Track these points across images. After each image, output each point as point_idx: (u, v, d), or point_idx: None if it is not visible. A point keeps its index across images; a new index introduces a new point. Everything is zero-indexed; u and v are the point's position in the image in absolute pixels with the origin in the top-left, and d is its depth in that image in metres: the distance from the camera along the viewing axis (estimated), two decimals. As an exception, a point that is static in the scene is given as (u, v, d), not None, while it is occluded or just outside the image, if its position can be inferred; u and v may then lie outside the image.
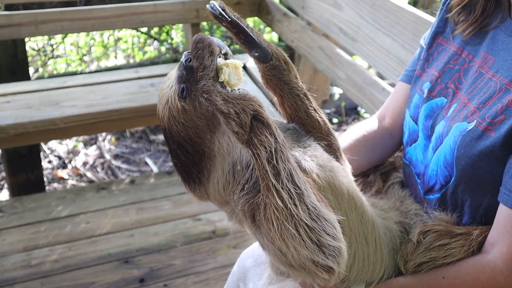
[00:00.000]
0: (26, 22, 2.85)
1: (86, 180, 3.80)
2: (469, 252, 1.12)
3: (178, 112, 1.03)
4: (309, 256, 0.95)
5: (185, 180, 1.09)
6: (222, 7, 1.05)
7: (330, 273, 0.96)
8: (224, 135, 1.04)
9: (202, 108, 1.01)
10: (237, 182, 1.03)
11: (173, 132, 1.04)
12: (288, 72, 1.13)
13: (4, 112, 2.67)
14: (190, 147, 1.04)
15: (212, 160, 1.06)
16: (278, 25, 3.15)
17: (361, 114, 4.48)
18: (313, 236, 0.95)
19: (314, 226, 0.95)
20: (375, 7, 2.26)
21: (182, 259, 2.57)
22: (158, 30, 5.01)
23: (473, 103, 1.18)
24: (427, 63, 1.37)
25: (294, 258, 0.96)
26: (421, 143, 1.32)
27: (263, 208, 0.97)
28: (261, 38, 1.11)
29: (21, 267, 2.49)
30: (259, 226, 0.99)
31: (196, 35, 1.02)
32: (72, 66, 4.85)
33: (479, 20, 1.25)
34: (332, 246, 0.96)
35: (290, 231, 0.94)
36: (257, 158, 0.96)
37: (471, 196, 1.17)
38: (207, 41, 1.00)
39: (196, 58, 0.99)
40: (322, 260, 0.95)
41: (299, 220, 0.95)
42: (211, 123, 1.03)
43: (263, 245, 1.05)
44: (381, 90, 2.27)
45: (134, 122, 2.97)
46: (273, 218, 0.95)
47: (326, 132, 1.17)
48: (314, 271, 0.96)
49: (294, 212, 0.95)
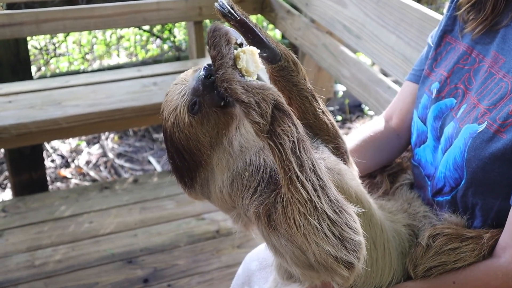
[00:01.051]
0: (28, 21, 2.84)
1: (89, 179, 3.79)
2: (480, 256, 1.10)
3: (184, 124, 1.02)
4: (331, 251, 0.92)
5: (179, 180, 1.09)
6: (230, 5, 1.04)
7: (350, 270, 0.94)
8: (225, 152, 1.03)
9: (209, 126, 1.00)
10: (246, 187, 1.02)
11: (174, 138, 1.04)
12: (297, 73, 1.11)
13: (7, 112, 2.66)
14: (188, 155, 1.04)
15: (208, 171, 1.05)
16: (281, 23, 3.13)
17: (365, 111, 4.45)
18: (336, 231, 0.93)
19: (337, 220, 0.93)
20: (380, 4, 2.23)
21: (186, 259, 2.55)
22: (160, 28, 4.99)
23: (484, 104, 1.16)
24: (435, 63, 1.34)
25: (315, 255, 0.94)
26: (430, 144, 1.30)
27: (283, 205, 0.94)
28: (269, 38, 1.09)
29: (24, 267, 2.49)
30: (276, 226, 0.96)
31: (211, 25, 1.00)
32: (75, 65, 4.83)
33: (489, 19, 1.22)
34: (353, 240, 0.94)
35: (313, 226, 0.92)
36: (281, 148, 0.93)
37: (482, 199, 1.15)
38: (223, 30, 0.99)
39: (214, 47, 0.97)
40: (344, 256, 0.93)
41: (323, 214, 0.92)
42: (213, 141, 1.03)
43: (276, 247, 1.02)
44: (387, 89, 2.25)
45: (137, 121, 2.95)
46: (296, 214, 0.93)
47: (334, 135, 1.15)
48: (335, 268, 0.94)
49: (319, 205, 0.92)
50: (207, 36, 0.99)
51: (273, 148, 0.94)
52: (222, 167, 1.04)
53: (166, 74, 3.07)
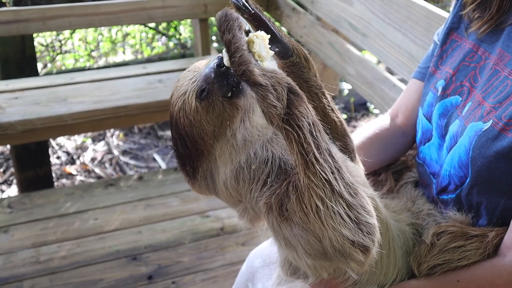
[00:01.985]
0: (34, 17, 2.85)
1: (94, 176, 3.80)
2: (485, 255, 1.09)
3: (190, 109, 1.02)
4: (349, 235, 0.92)
5: (181, 168, 1.09)
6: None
7: (366, 254, 0.94)
8: (228, 143, 1.03)
9: (214, 114, 1.01)
10: (255, 180, 1.01)
11: (179, 123, 1.04)
12: (308, 69, 1.11)
13: (13, 108, 2.67)
14: (191, 143, 1.04)
15: (210, 162, 1.05)
16: (287, 20, 3.12)
17: (371, 110, 4.44)
18: (352, 214, 0.92)
19: (353, 203, 0.93)
20: (386, 1, 2.22)
21: (190, 256, 2.56)
22: (166, 26, 4.99)
23: (489, 102, 1.15)
24: (441, 60, 1.34)
25: (331, 241, 0.92)
26: (435, 142, 1.29)
27: (298, 193, 0.94)
28: (282, 33, 1.09)
29: (29, 263, 2.50)
30: (290, 215, 0.95)
31: (221, 11, 0.99)
32: (80, 62, 4.85)
33: (494, 18, 1.22)
34: (369, 223, 0.94)
35: (331, 210, 0.91)
36: (299, 131, 0.92)
37: (487, 197, 1.14)
38: (234, 15, 0.98)
39: (228, 31, 0.96)
40: (361, 240, 0.92)
41: (339, 197, 0.92)
42: (217, 131, 1.03)
43: (288, 239, 0.99)
44: (392, 87, 2.24)
45: (142, 118, 2.95)
46: (313, 198, 0.92)
47: (342, 133, 1.15)
48: (352, 253, 0.93)
49: (336, 187, 0.92)
50: (218, 22, 0.98)
51: (291, 132, 0.93)
52: (225, 159, 1.04)
53: (171, 71, 3.07)
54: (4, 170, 3.84)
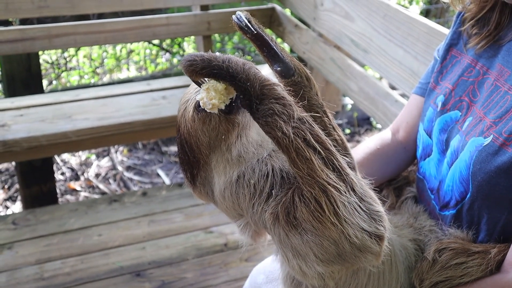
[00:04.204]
0: (40, 36, 2.89)
1: (98, 192, 3.81)
2: (487, 271, 1.09)
3: (188, 118, 1.05)
4: (366, 227, 0.92)
5: (182, 172, 1.12)
6: (248, 19, 1.05)
7: (380, 244, 0.94)
8: (223, 157, 1.04)
9: (209, 126, 1.02)
10: (257, 194, 1.02)
11: (180, 128, 1.07)
12: (309, 88, 1.12)
13: (18, 125, 2.69)
14: (189, 150, 1.06)
15: (207, 172, 1.07)
16: (289, 37, 3.15)
17: (374, 124, 4.44)
18: (363, 205, 0.93)
19: (364, 195, 0.94)
20: (387, 18, 2.25)
21: (194, 272, 2.55)
22: (170, 42, 5.04)
23: (489, 118, 1.16)
24: (441, 76, 1.35)
25: (350, 238, 0.92)
26: (435, 157, 1.30)
27: (305, 200, 0.93)
28: (284, 52, 1.10)
29: (33, 280, 2.50)
30: (299, 222, 0.95)
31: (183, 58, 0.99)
32: (85, 78, 4.89)
33: (492, 34, 1.23)
34: (378, 211, 0.94)
35: (348, 206, 0.91)
36: (301, 139, 0.94)
37: (487, 212, 1.15)
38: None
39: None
40: (375, 229, 0.93)
41: (353, 191, 0.93)
42: (212, 143, 1.04)
43: (297, 248, 0.98)
44: (394, 102, 2.25)
45: (146, 134, 2.97)
46: (324, 196, 0.91)
47: (344, 150, 1.16)
48: (369, 245, 0.93)
49: (350, 183, 0.93)
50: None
51: (290, 142, 0.93)
52: (219, 171, 1.05)
53: (175, 88, 3.10)
54: (9, 186, 3.86)
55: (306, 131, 0.94)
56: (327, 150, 0.95)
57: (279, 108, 0.93)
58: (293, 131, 0.92)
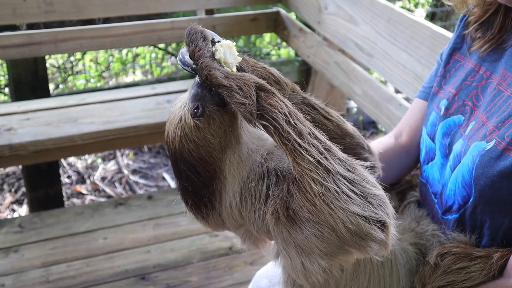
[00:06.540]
0: (47, 40, 2.91)
1: (104, 195, 3.83)
2: (490, 276, 1.09)
3: (191, 130, 1.03)
4: (359, 211, 0.89)
5: (197, 207, 1.08)
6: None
7: (385, 231, 0.91)
8: (235, 153, 1.04)
9: (215, 125, 1.01)
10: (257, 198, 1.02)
11: (184, 152, 1.04)
12: (283, 90, 1.09)
13: (24, 129, 2.71)
14: (201, 167, 1.04)
15: (222, 181, 1.05)
16: (294, 41, 3.16)
17: (379, 128, 4.44)
18: (356, 189, 0.91)
19: (353, 177, 0.92)
20: (391, 22, 2.25)
21: (199, 276, 2.56)
22: (175, 46, 5.06)
23: (492, 122, 1.16)
24: (444, 80, 1.35)
25: (345, 225, 0.90)
26: (438, 161, 1.30)
27: (298, 185, 0.93)
28: (249, 63, 1.07)
29: (39, 283, 2.51)
30: (298, 214, 0.94)
31: (188, 27, 1.03)
32: (91, 82, 4.92)
33: (496, 37, 1.23)
34: (376, 194, 0.92)
35: (333, 190, 0.90)
36: (274, 123, 0.93)
37: (490, 217, 1.14)
38: (199, 29, 1.02)
39: (191, 43, 1.00)
40: (373, 213, 0.90)
41: (337, 174, 0.91)
42: (223, 141, 1.03)
43: (300, 246, 0.97)
44: (398, 106, 2.25)
45: (151, 138, 2.98)
46: (311, 184, 0.91)
47: (342, 133, 1.13)
48: (370, 232, 0.90)
49: (330, 166, 0.91)
50: (185, 37, 1.02)
51: (268, 126, 0.95)
52: (234, 173, 1.04)
53: (180, 91, 3.11)
54: (15, 190, 3.89)
55: (288, 115, 0.95)
56: (304, 129, 0.95)
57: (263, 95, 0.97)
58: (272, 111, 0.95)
